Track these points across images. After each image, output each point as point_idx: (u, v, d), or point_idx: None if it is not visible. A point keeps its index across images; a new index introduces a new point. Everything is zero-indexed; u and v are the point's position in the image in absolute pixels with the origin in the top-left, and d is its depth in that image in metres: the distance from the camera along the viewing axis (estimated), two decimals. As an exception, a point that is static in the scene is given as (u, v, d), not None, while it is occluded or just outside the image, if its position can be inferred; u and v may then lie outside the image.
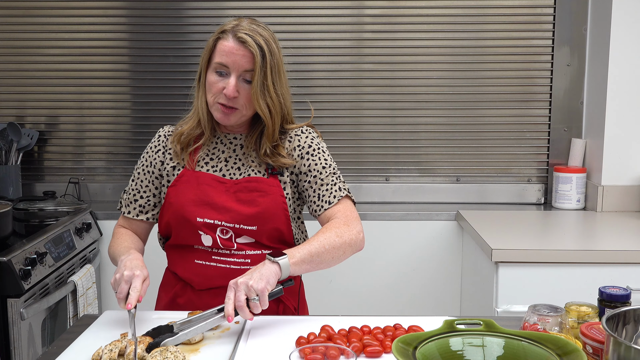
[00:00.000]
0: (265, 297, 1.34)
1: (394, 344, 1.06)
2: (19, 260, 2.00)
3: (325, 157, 1.63)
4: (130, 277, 1.40)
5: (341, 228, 1.51)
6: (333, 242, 1.48)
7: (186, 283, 1.62)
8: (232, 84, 1.52)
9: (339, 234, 1.50)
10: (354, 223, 1.55)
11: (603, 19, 2.58)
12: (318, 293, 2.51)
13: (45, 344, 2.14)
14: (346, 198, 1.60)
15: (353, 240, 1.52)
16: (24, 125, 2.82)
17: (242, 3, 2.76)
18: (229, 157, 1.63)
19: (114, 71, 2.82)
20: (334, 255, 1.48)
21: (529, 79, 2.79)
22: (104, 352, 1.24)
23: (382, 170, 2.85)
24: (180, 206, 1.58)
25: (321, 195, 1.59)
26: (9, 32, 2.79)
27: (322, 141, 1.67)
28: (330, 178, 1.60)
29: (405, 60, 2.78)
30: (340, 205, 1.58)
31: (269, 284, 1.35)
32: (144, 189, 1.67)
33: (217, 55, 1.53)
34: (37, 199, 2.59)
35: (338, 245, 1.49)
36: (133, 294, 1.37)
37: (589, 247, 2.18)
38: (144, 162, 1.67)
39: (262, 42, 1.52)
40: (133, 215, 1.68)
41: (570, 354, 1.03)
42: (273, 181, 1.59)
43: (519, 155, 2.83)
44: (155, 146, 1.68)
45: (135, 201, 1.67)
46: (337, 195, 1.59)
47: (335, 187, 1.60)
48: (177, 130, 1.64)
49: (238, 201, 1.57)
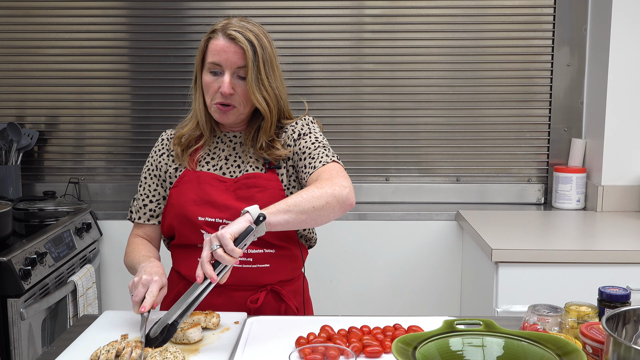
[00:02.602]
0: (225, 239, 1.26)
1: (394, 344, 1.06)
2: (19, 260, 2.00)
3: (316, 135, 1.62)
4: (148, 281, 1.39)
5: (322, 182, 1.45)
6: (312, 192, 1.40)
7: (189, 281, 1.62)
8: (226, 81, 1.53)
9: (318, 186, 1.43)
10: (338, 178, 1.47)
11: (603, 19, 2.58)
12: (318, 293, 2.51)
13: (45, 344, 2.15)
14: (333, 162, 1.55)
15: (336, 191, 1.43)
16: (24, 125, 2.82)
17: (242, 3, 2.76)
18: (229, 156, 1.64)
19: (114, 71, 2.82)
20: (314, 204, 1.39)
21: (529, 79, 2.79)
22: (101, 352, 1.24)
23: (382, 170, 2.85)
24: (181, 206, 1.58)
25: (308, 164, 1.56)
26: (9, 32, 2.79)
27: (317, 124, 1.67)
28: (319, 150, 1.57)
29: (405, 60, 2.78)
30: (327, 166, 1.53)
31: (230, 229, 1.28)
32: (152, 193, 1.67)
33: (210, 55, 1.55)
34: (37, 199, 2.59)
35: (318, 195, 1.40)
36: (148, 298, 1.36)
37: (589, 247, 2.18)
38: (150, 167, 1.68)
39: (252, 37, 1.53)
40: (144, 220, 1.67)
41: (570, 354, 1.03)
42: (271, 176, 1.60)
43: (519, 155, 2.83)
44: (159, 150, 1.69)
45: (145, 206, 1.67)
46: (324, 161, 1.54)
47: (322, 154, 1.56)
48: (177, 133, 1.66)
49: (238, 198, 1.57)
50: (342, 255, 2.65)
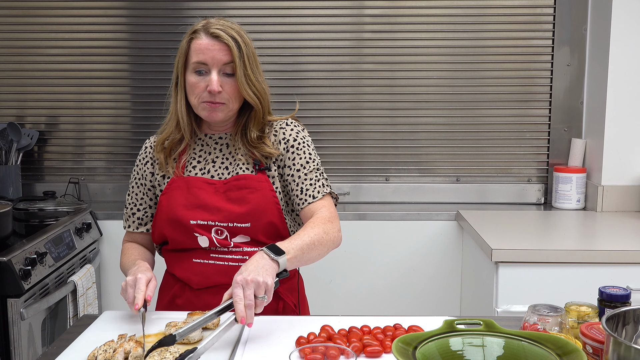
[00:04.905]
0: (272, 293, 1.33)
1: (394, 344, 1.06)
2: (19, 260, 2.00)
3: (309, 151, 1.63)
4: (133, 281, 1.43)
5: (327, 225, 1.52)
6: (321, 239, 1.49)
7: (184, 283, 1.62)
8: (214, 79, 1.53)
9: (325, 231, 1.51)
10: (336, 220, 1.57)
11: (603, 19, 2.58)
12: (318, 293, 2.51)
13: (45, 344, 2.14)
14: (328, 195, 1.62)
15: (336, 237, 1.54)
16: (24, 125, 2.82)
17: (242, 3, 2.76)
18: (216, 158, 1.64)
19: (114, 71, 2.82)
20: (320, 252, 1.49)
21: (529, 79, 2.79)
22: (98, 352, 1.24)
23: (382, 170, 2.85)
24: (172, 211, 1.59)
25: (304, 189, 1.60)
26: (9, 32, 2.79)
27: (307, 134, 1.68)
28: (314, 174, 1.61)
29: (405, 60, 2.78)
30: (324, 201, 1.60)
31: (272, 278, 1.34)
32: (139, 201, 1.69)
33: (194, 55, 1.55)
34: (37, 199, 2.59)
35: (324, 242, 1.50)
36: (139, 295, 1.40)
37: (589, 247, 2.18)
38: (136, 176, 1.70)
39: (235, 34, 1.55)
40: (133, 228, 1.70)
41: (570, 354, 1.03)
42: (261, 177, 1.60)
43: (519, 155, 2.83)
44: (143, 158, 1.69)
45: (134, 214, 1.70)
46: (321, 191, 1.60)
47: (319, 183, 1.61)
48: (158, 139, 1.66)
49: (229, 200, 1.58)
50: (342, 255, 2.65)
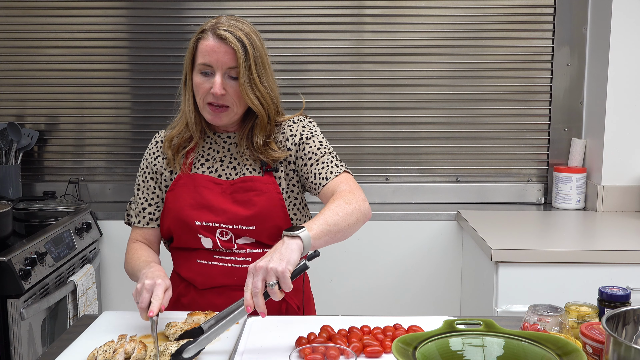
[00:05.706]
0: (286, 279, 1.22)
1: (394, 344, 1.06)
2: (19, 260, 2.00)
3: (319, 139, 1.61)
4: (152, 285, 1.36)
5: (347, 195, 1.45)
6: (344, 209, 1.41)
7: (189, 283, 1.62)
8: (217, 82, 1.51)
9: (347, 201, 1.43)
10: (358, 191, 1.49)
11: (603, 19, 2.58)
12: (318, 293, 2.50)
13: (45, 344, 2.14)
14: (345, 173, 1.57)
15: (361, 206, 1.45)
16: (24, 125, 2.82)
17: (242, 3, 2.76)
18: (224, 157, 1.62)
19: (114, 71, 2.82)
20: (348, 222, 1.40)
21: (529, 79, 2.79)
22: (98, 352, 1.24)
23: (382, 170, 2.85)
24: (178, 210, 1.58)
25: (318, 173, 1.56)
26: (9, 32, 2.79)
27: (315, 125, 1.65)
28: (327, 157, 1.58)
29: (405, 60, 2.78)
30: (341, 177, 1.54)
31: (289, 264, 1.23)
32: (150, 196, 1.65)
33: (200, 56, 1.53)
34: (37, 199, 2.59)
35: (350, 212, 1.41)
36: (155, 302, 1.33)
37: (589, 247, 2.18)
38: (146, 170, 1.66)
39: (243, 37, 1.51)
40: (143, 224, 1.66)
41: (570, 354, 1.03)
42: (268, 179, 1.58)
43: (519, 155, 2.83)
44: (153, 152, 1.67)
45: (144, 209, 1.66)
46: (335, 171, 1.56)
47: (332, 164, 1.57)
48: (167, 136, 1.64)
49: (235, 202, 1.56)
50: (342, 255, 2.65)
